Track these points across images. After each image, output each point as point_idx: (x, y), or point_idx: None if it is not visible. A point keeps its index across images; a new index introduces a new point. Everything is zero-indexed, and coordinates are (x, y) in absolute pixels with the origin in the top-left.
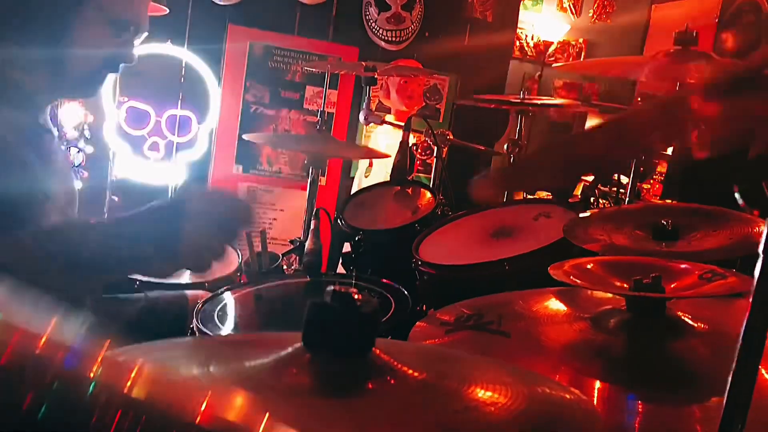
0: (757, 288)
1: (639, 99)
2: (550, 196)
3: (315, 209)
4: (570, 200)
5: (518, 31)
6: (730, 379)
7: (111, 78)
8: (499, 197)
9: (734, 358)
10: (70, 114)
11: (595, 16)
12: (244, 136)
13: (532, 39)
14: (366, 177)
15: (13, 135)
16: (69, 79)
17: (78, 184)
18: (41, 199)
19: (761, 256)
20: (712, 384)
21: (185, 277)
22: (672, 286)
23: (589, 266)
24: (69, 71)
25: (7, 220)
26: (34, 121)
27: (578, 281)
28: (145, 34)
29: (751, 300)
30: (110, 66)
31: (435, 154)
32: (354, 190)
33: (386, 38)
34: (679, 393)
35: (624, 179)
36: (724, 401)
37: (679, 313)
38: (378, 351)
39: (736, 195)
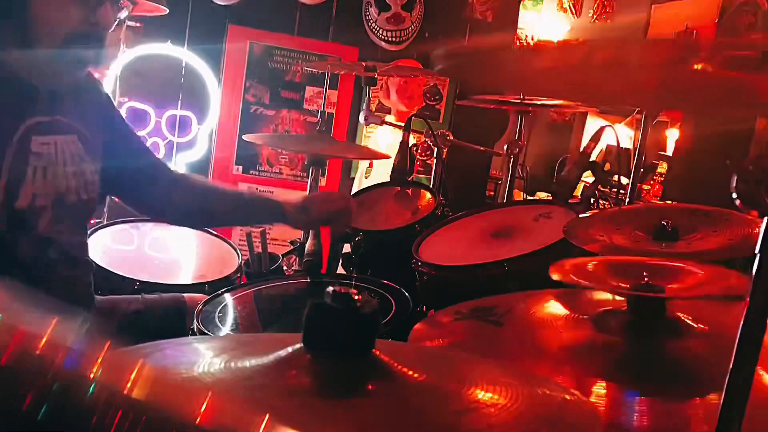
0: (754, 287)
1: None
2: (551, 197)
3: None
4: (570, 201)
5: (518, 31)
6: (727, 377)
7: (111, 77)
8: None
9: (731, 357)
10: None
11: (595, 16)
12: (244, 137)
13: (533, 39)
14: (366, 177)
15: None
16: (45, 53)
17: None
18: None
19: (758, 255)
20: (712, 383)
21: (185, 278)
22: (672, 286)
23: (590, 266)
24: (39, 42)
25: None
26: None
27: (579, 280)
28: (125, 9)
29: (748, 299)
30: (82, 36)
31: (435, 155)
32: (354, 190)
33: (386, 38)
34: (679, 392)
35: (624, 180)
36: (722, 399)
37: (679, 314)
38: (378, 352)
39: (733, 195)
